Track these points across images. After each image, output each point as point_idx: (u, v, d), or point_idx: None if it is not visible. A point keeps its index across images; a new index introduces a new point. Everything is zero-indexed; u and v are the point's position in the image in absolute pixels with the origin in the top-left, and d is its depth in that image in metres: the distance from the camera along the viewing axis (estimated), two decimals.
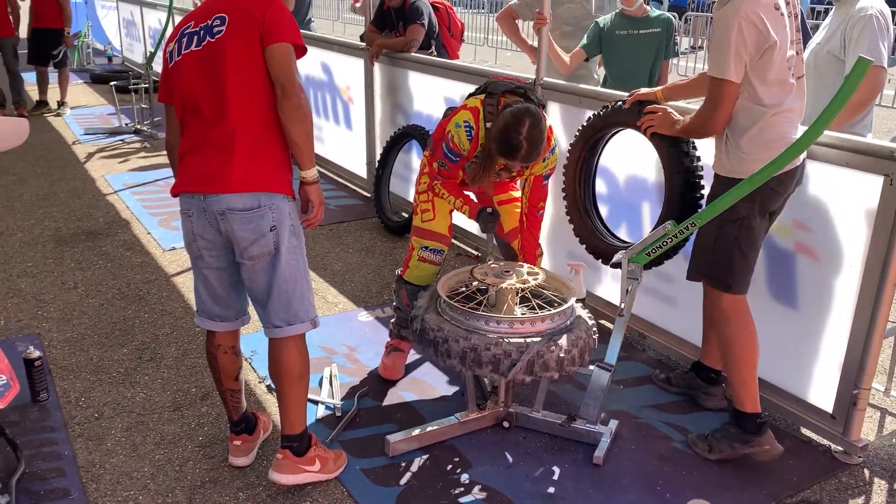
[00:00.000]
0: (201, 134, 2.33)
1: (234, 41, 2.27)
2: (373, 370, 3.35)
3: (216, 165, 2.30)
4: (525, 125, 2.68)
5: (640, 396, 3.18)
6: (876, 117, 3.47)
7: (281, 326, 2.46)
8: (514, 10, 4.75)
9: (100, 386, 3.20)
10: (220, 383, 2.66)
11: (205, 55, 2.30)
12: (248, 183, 2.30)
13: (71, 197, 5.68)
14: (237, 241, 2.35)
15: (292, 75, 2.28)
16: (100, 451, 2.79)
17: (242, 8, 2.30)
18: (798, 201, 2.79)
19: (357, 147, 5.79)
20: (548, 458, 2.78)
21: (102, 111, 8.69)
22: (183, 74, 2.34)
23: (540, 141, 2.73)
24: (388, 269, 4.44)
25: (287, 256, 2.40)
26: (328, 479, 2.63)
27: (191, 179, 2.35)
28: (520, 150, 2.70)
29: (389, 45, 5.09)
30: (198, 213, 2.36)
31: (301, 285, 2.47)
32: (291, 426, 2.54)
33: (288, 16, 2.33)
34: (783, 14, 2.43)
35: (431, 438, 2.83)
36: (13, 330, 3.67)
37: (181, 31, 2.39)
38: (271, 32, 2.27)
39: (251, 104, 2.30)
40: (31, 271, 4.34)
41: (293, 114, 2.28)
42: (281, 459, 2.54)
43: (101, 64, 11.65)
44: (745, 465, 2.74)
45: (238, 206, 2.30)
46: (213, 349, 2.62)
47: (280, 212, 2.36)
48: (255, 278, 2.42)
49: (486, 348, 2.55)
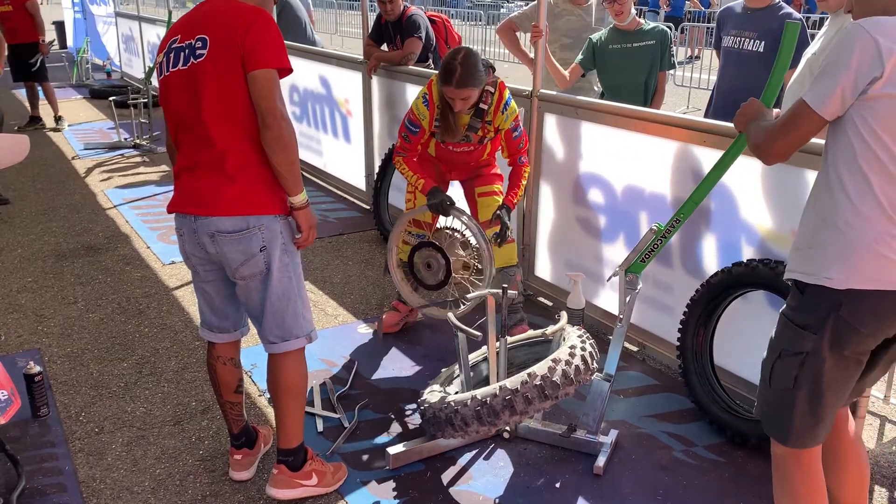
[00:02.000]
0: (193, 154, 2.34)
1: (215, 67, 2.23)
2: (373, 382, 3.36)
3: (206, 188, 2.31)
4: (460, 53, 3.21)
5: (641, 406, 3.18)
6: None
7: (276, 342, 2.48)
8: (513, 23, 4.78)
9: (100, 401, 3.20)
10: (219, 395, 2.66)
11: (188, 77, 2.28)
12: (237, 206, 2.30)
13: (70, 212, 5.69)
14: (228, 262, 2.37)
15: (273, 104, 2.23)
16: (100, 465, 2.79)
17: (224, 30, 2.24)
18: (796, 210, 2.80)
19: (356, 159, 5.81)
20: (549, 469, 2.78)
21: (102, 126, 8.72)
22: (172, 92, 2.34)
23: (473, 66, 3.17)
24: (387, 281, 4.44)
25: (278, 275, 2.40)
26: (327, 492, 2.63)
27: (184, 200, 2.37)
28: (455, 72, 3.15)
29: (387, 59, 5.12)
30: (188, 233, 2.39)
31: (294, 303, 2.46)
32: (288, 441, 2.55)
33: (272, 35, 2.26)
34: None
35: (432, 450, 2.83)
36: (13, 345, 3.67)
37: (169, 43, 2.37)
38: (252, 58, 2.22)
39: (237, 128, 2.28)
40: (31, 286, 4.35)
41: (275, 144, 2.25)
42: (276, 475, 2.56)
43: (100, 79, 11.69)
44: (745, 475, 2.74)
45: (227, 228, 2.31)
46: (213, 360, 2.64)
47: (270, 231, 2.36)
48: (249, 296, 2.44)
49: (493, 397, 2.55)
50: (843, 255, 1.83)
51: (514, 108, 3.41)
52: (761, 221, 2.95)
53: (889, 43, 1.76)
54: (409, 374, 3.42)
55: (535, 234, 4.13)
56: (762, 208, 2.94)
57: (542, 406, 2.54)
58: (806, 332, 1.89)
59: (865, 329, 1.84)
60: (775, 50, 3.74)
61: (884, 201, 1.80)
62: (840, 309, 1.83)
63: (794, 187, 2.80)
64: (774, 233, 2.91)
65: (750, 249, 3.02)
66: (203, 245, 2.36)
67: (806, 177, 2.75)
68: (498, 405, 2.53)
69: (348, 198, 6.06)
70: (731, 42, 3.95)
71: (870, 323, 1.84)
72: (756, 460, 2.81)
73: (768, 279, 2.77)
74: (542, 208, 4.06)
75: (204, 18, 2.31)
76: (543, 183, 4.00)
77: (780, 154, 1.96)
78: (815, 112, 1.84)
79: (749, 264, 2.84)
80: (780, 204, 2.88)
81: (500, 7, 22.59)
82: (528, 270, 4.20)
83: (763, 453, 2.84)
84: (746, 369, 3.05)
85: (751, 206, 2.97)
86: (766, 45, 3.77)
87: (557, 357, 2.60)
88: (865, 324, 1.84)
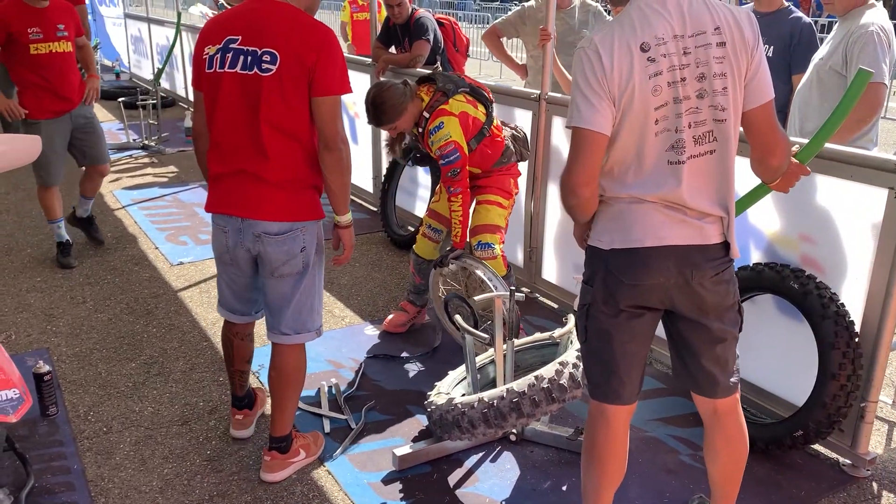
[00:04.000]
0: (240, 160, 2.42)
1: (281, 84, 2.31)
2: (380, 383, 3.36)
3: (254, 194, 2.43)
4: (370, 93, 3.40)
5: (647, 410, 3.18)
6: (881, 130, 3.48)
7: (289, 334, 2.60)
8: (498, 29, 4.80)
9: (108, 400, 3.22)
10: (231, 364, 2.86)
11: (250, 85, 2.33)
12: (284, 214, 2.44)
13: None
14: (270, 261, 2.48)
15: (336, 129, 2.36)
16: (108, 465, 2.80)
17: (294, 50, 2.30)
18: (803, 214, 2.81)
19: (363, 161, 5.82)
20: (555, 472, 2.78)
21: (111, 127, 8.75)
22: (224, 91, 2.38)
23: (378, 105, 3.35)
24: (394, 283, 4.45)
25: (311, 273, 2.55)
26: (313, 460, 2.81)
27: (230, 202, 2.47)
28: (368, 113, 3.41)
29: (395, 61, 5.13)
30: (233, 232, 2.50)
31: (315, 298, 2.61)
32: (282, 428, 2.68)
33: (339, 61, 2.36)
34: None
35: (439, 452, 2.83)
36: (23, 345, 3.69)
37: (225, 41, 2.37)
38: (320, 84, 2.32)
39: (291, 145, 2.40)
40: (40, 286, 4.37)
41: (335, 166, 2.41)
42: (269, 461, 2.70)
43: (109, 80, 11.74)
44: (752, 479, 2.73)
45: (273, 230, 2.44)
46: (231, 336, 2.81)
47: (310, 233, 2.51)
48: (279, 289, 2.54)
49: (500, 399, 2.56)
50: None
51: (441, 136, 3.30)
52: (769, 225, 2.95)
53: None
54: (416, 376, 3.43)
55: (541, 237, 4.13)
56: (770, 212, 2.93)
57: (549, 409, 2.55)
58: (586, 286, 2.10)
59: (628, 278, 2.00)
60: (784, 55, 3.76)
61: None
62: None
63: (801, 191, 2.80)
64: (782, 236, 2.91)
65: (757, 253, 3.01)
66: (246, 243, 2.48)
67: (816, 181, 2.75)
68: (505, 408, 2.54)
69: (356, 199, 6.07)
70: None
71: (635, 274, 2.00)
72: (762, 464, 2.81)
73: (775, 283, 2.76)
74: (549, 211, 4.06)
75: (270, 28, 2.34)
76: (551, 185, 4.00)
77: None
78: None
79: (755, 268, 2.84)
80: (787, 208, 2.88)
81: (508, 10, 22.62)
82: (534, 273, 4.20)
83: (770, 457, 2.84)
84: (752, 373, 3.05)
85: (758, 210, 2.97)
86: (775, 49, 3.76)
87: (564, 360, 2.60)
88: (634, 274, 1.99)
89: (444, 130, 3.32)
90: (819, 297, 2.63)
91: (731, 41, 1.90)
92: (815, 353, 2.65)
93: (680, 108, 1.90)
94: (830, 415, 2.62)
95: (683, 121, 1.91)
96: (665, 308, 2.06)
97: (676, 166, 1.93)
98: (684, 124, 1.91)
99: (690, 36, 1.89)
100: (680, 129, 1.91)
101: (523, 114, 4.08)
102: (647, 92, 1.87)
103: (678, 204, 1.95)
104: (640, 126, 1.91)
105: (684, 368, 2.16)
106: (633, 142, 1.93)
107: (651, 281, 1.99)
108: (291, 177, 2.42)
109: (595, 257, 2.06)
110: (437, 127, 3.33)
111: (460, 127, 3.35)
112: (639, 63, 1.86)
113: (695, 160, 1.94)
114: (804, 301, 2.67)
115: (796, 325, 2.86)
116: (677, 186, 1.93)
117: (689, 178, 1.94)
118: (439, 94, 3.39)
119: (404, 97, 3.36)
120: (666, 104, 1.89)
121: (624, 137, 1.93)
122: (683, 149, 1.92)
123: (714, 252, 2.00)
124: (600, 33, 1.93)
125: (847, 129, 3.03)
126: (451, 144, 3.31)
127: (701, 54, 1.89)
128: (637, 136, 1.92)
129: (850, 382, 2.58)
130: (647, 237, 1.96)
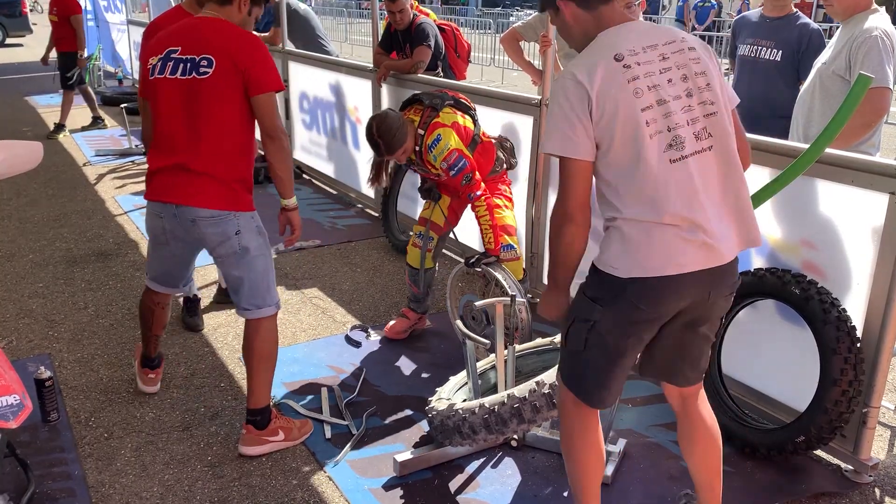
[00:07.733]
0: (176, 156, 2.68)
1: (219, 87, 2.60)
2: (381, 389, 3.36)
3: (190, 185, 2.67)
4: (372, 124, 3.42)
5: (649, 415, 3.17)
6: (884, 135, 3.47)
7: (250, 309, 2.81)
8: (517, 32, 4.79)
9: (109, 406, 3.22)
10: (149, 330, 3.15)
11: (188, 88, 2.62)
12: (215, 202, 2.67)
13: (81, 218, 5.73)
14: (206, 241, 2.75)
15: (275, 121, 2.67)
16: (109, 470, 2.80)
17: (227, 55, 2.59)
18: (804, 219, 2.80)
19: (365, 167, 5.82)
20: (556, 478, 2.77)
21: (113, 133, 8.77)
22: (162, 94, 2.67)
23: (384, 133, 3.37)
24: (395, 289, 4.45)
25: (256, 253, 2.77)
26: (293, 445, 2.92)
27: (166, 191, 2.72)
28: (378, 146, 3.43)
29: (397, 67, 5.14)
30: (168, 218, 2.76)
31: (269, 277, 2.84)
32: (256, 401, 2.83)
33: (269, 62, 2.65)
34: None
35: (440, 458, 2.83)
36: (24, 350, 3.69)
37: (167, 51, 2.67)
38: (256, 84, 2.61)
39: (226, 141, 2.66)
40: (42, 292, 4.37)
41: (277, 153, 2.70)
42: (245, 434, 2.85)
43: (111, 86, 11.77)
44: (754, 484, 2.73)
45: (205, 215, 2.68)
46: (153, 305, 3.10)
47: (244, 219, 2.74)
48: (228, 273, 2.80)
49: (501, 405, 2.55)
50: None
51: (442, 148, 3.38)
52: (770, 231, 2.95)
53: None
54: (417, 382, 3.43)
55: (543, 243, 4.13)
56: (771, 217, 2.93)
57: (550, 415, 2.54)
58: (599, 305, 2.04)
59: (646, 306, 1.99)
60: (792, 59, 3.76)
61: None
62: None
63: (803, 197, 2.80)
64: (783, 242, 2.91)
65: (759, 259, 3.01)
66: (184, 227, 2.73)
67: (817, 186, 2.74)
68: (506, 413, 2.53)
69: (357, 205, 6.08)
70: (746, 51, 3.93)
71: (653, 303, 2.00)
72: (765, 470, 2.80)
73: (776, 288, 2.76)
74: (550, 216, 4.05)
75: (207, 38, 2.64)
76: (552, 191, 4.00)
77: None
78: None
79: (757, 273, 2.84)
80: (789, 213, 2.88)
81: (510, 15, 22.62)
82: (536, 278, 4.20)
83: (773, 464, 2.83)
84: (755, 379, 3.04)
85: (760, 216, 2.95)
86: (783, 54, 3.77)
87: None
88: (652, 302, 1.99)
89: (444, 141, 3.40)
90: (821, 303, 2.63)
91: (698, 47, 2.03)
92: (817, 358, 2.64)
93: (668, 108, 1.94)
94: (832, 420, 2.61)
95: (678, 119, 1.94)
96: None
97: (679, 163, 1.94)
98: (680, 122, 1.94)
99: (664, 44, 1.99)
100: (673, 128, 1.94)
101: (524, 119, 4.08)
102: (629, 94, 1.92)
103: (695, 223, 1.93)
104: (633, 129, 1.92)
105: (662, 361, 2.18)
106: (629, 146, 1.93)
107: (670, 308, 2.00)
108: (223, 169, 2.66)
109: (609, 283, 2.00)
110: (436, 140, 3.41)
111: (457, 135, 3.42)
112: (615, 71, 1.93)
113: (697, 156, 1.96)
114: (806, 306, 2.67)
115: (798, 330, 2.85)
116: (693, 196, 1.93)
117: (697, 176, 1.94)
118: (429, 109, 3.48)
119: (401, 120, 3.45)
120: (651, 106, 1.93)
121: (617, 143, 1.94)
122: (683, 145, 1.94)
123: (731, 269, 2.03)
124: (572, 62, 2.01)
125: (852, 133, 3.03)
126: (454, 153, 3.39)
127: (679, 58, 1.99)
128: (631, 139, 1.93)
129: (852, 388, 2.58)
130: (668, 265, 1.93)
